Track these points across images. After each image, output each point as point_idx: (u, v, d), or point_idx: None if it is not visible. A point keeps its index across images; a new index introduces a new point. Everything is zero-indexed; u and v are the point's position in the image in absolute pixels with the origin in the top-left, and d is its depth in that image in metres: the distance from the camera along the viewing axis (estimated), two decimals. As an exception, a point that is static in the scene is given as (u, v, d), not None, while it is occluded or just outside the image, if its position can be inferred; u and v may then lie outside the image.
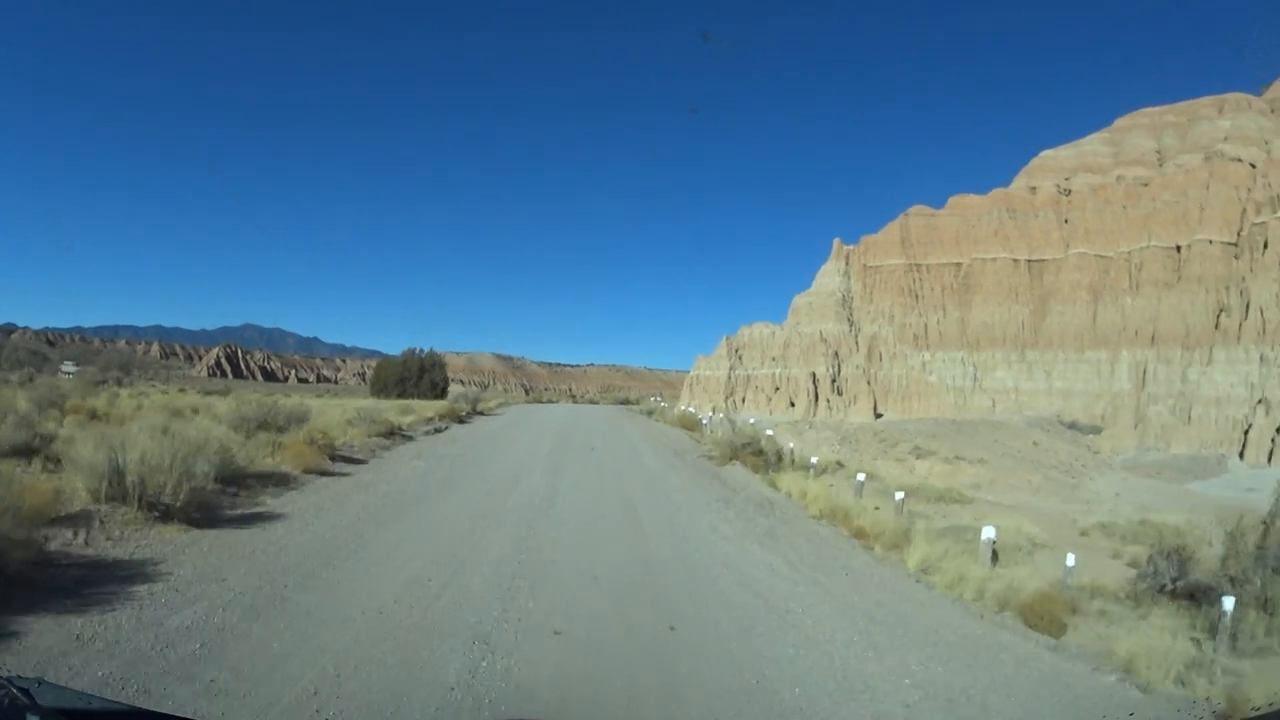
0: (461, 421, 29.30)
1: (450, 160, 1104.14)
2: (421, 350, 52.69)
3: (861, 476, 19.64)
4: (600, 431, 27.89)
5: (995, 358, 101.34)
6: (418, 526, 10.01)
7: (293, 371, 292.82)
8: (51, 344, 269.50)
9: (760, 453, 21.11)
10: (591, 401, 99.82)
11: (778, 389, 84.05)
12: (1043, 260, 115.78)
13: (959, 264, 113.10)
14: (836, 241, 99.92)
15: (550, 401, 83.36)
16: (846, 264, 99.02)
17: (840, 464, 30.74)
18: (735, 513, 12.84)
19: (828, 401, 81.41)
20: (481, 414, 35.00)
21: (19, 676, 1.83)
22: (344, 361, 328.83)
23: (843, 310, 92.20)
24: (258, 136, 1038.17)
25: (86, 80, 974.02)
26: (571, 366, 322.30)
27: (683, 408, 51.77)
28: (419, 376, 50.13)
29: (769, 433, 24.35)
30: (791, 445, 25.33)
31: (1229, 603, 8.13)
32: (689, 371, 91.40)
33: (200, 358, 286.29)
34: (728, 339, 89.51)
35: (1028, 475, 46.22)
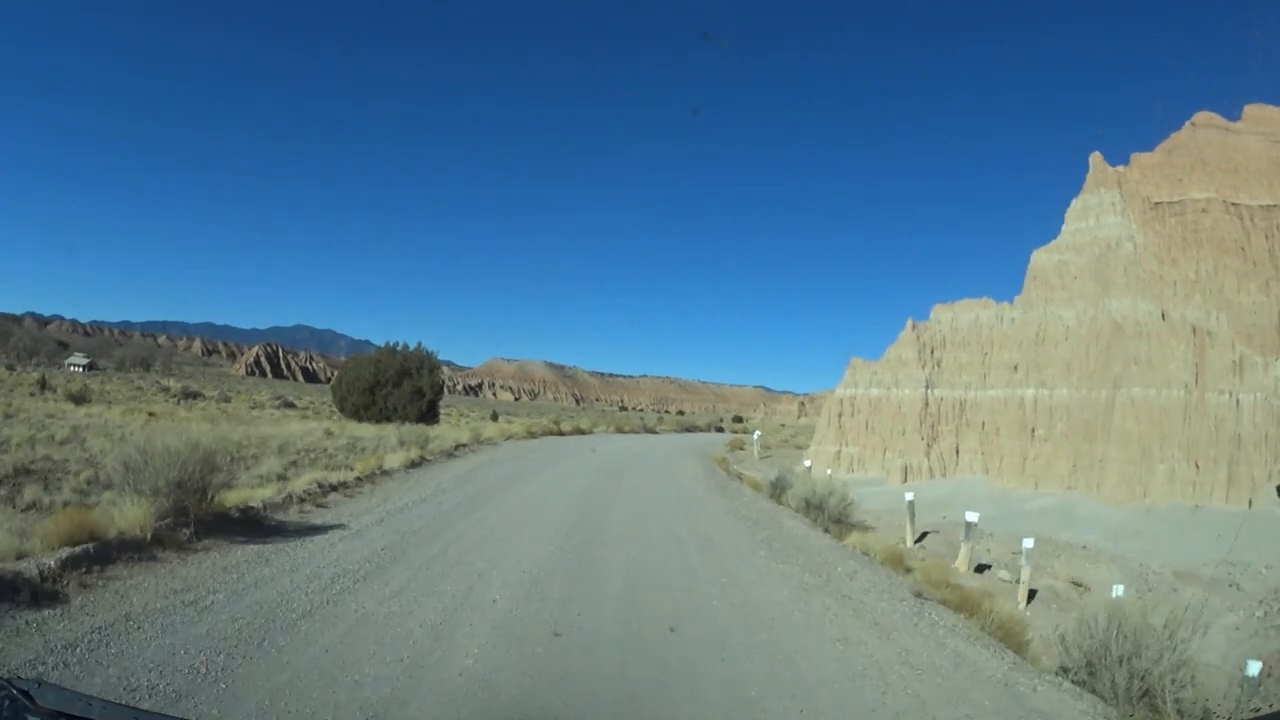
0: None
1: (492, 168, 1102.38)
2: (406, 346, 38.85)
3: None
4: None
5: None
6: None
7: (337, 373, 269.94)
8: (88, 335, 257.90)
9: None
10: (647, 428, 62.82)
11: (1033, 431, 40.18)
12: None
13: (1297, 205, 65.74)
14: (1096, 158, 54.16)
15: (582, 431, 44.90)
16: (1120, 195, 53.47)
17: None
18: None
19: (1161, 463, 37.27)
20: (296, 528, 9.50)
21: (19, 677, 1.76)
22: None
23: (1139, 273, 47.18)
24: (322, 147, 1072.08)
25: (141, 89, 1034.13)
26: (624, 377, 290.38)
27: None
28: (398, 382, 36.78)
29: None
30: None
31: None
32: (833, 390, 48.43)
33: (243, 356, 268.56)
34: (914, 325, 46.16)
35: None
